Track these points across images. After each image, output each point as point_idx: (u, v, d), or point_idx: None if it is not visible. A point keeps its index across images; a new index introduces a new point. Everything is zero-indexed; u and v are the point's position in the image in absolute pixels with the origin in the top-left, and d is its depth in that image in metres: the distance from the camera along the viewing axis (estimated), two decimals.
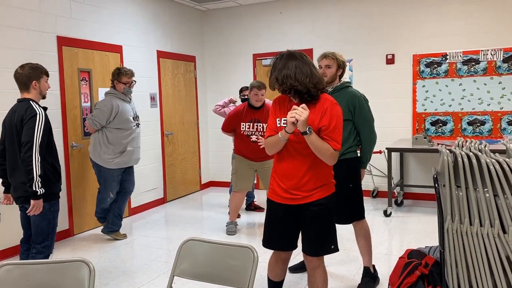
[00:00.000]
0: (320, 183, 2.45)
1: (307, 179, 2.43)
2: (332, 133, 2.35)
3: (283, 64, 2.35)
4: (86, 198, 5.14)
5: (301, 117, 2.21)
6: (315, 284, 2.55)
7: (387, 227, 4.92)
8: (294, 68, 2.32)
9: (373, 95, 6.27)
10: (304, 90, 2.34)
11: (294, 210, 2.50)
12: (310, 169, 2.42)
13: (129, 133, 4.57)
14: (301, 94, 2.36)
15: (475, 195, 2.15)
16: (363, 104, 3.20)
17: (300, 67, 2.33)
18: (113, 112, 4.40)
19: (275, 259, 2.66)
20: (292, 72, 2.32)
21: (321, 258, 2.55)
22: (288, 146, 2.44)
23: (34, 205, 2.92)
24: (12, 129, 3.01)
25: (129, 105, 4.60)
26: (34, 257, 3.04)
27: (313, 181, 2.44)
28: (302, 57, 2.38)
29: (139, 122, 4.78)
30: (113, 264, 4.06)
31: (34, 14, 4.51)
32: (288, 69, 2.32)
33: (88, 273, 1.80)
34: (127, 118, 4.52)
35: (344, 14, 6.38)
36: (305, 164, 2.42)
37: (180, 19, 6.81)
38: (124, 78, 4.48)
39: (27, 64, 3.09)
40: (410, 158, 6.19)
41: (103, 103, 4.44)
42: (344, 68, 3.29)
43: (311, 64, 2.37)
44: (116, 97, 4.50)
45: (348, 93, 3.21)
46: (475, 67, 5.71)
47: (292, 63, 2.34)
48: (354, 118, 3.20)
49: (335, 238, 2.56)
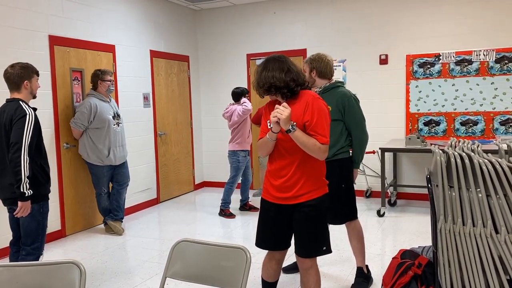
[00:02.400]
0: (311, 183, 2.45)
1: (297, 178, 2.43)
2: (316, 127, 2.36)
3: (262, 67, 2.45)
4: (78, 198, 5.10)
5: (282, 116, 2.26)
6: (307, 285, 2.54)
7: (380, 227, 4.93)
8: (271, 67, 2.41)
9: (366, 95, 6.28)
10: (282, 85, 2.38)
11: (285, 210, 2.50)
12: (299, 168, 2.43)
13: (109, 132, 4.76)
14: (281, 90, 2.40)
15: (468, 195, 2.15)
16: (352, 104, 3.19)
17: (277, 65, 2.41)
18: (92, 112, 4.64)
19: (268, 259, 2.66)
20: (269, 70, 2.40)
21: (313, 259, 2.54)
22: (278, 145, 2.46)
23: (22, 206, 2.88)
24: (1, 129, 2.97)
25: (108, 105, 4.81)
26: (24, 259, 3.01)
27: (303, 181, 2.44)
28: (280, 57, 2.45)
29: (120, 121, 4.95)
30: (106, 265, 4.03)
31: (25, 13, 4.47)
32: (266, 70, 2.42)
33: (79, 275, 1.78)
34: (105, 117, 4.72)
35: (338, 15, 6.38)
36: (294, 162, 2.43)
37: (173, 19, 6.78)
38: (107, 76, 4.75)
39: (18, 64, 3.05)
40: (403, 158, 6.20)
41: (82, 105, 4.70)
42: (318, 69, 3.25)
43: (288, 62, 2.44)
44: (95, 97, 4.75)
45: (338, 93, 3.21)
46: (468, 67, 5.74)
47: (269, 64, 2.43)
48: (345, 118, 3.20)
49: (327, 240, 2.55)
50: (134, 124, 5.93)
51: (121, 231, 4.93)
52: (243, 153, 5.48)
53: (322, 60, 3.26)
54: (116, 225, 4.93)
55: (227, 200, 5.58)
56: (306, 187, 2.44)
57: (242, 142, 5.44)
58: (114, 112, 4.85)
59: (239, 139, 5.42)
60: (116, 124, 4.85)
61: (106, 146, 4.75)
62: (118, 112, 4.94)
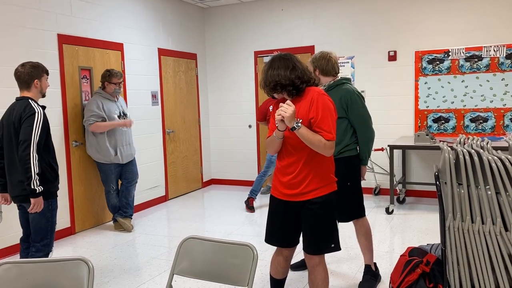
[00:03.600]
0: (318, 180, 2.45)
1: (304, 175, 2.43)
2: (321, 123, 2.35)
3: (268, 66, 2.45)
4: (87, 196, 5.14)
5: (286, 113, 2.25)
6: (315, 282, 2.54)
7: (389, 225, 4.91)
8: (276, 66, 2.41)
9: (375, 92, 6.25)
10: (287, 82, 2.38)
11: (294, 207, 2.50)
12: (306, 165, 2.43)
13: (115, 131, 4.82)
14: (286, 88, 2.40)
15: (477, 193, 2.13)
16: (355, 100, 3.17)
17: (282, 63, 2.41)
18: (100, 108, 4.71)
19: (276, 256, 2.66)
20: (274, 69, 2.41)
21: (321, 256, 2.54)
22: (285, 143, 2.46)
23: (35, 203, 2.92)
24: (10, 127, 3.00)
25: (114, 104, 4.88)
26: (34, 256, 3.04)
27: (310, 178, 2.43)
28: (285, 55, 2.46)
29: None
30: (114, 262, 4.06)
31: (34, 12, 4.50)
32: (271, 69, 2.42)
33: (87, 272, 1.80)
34: (111, 116, 4.79)
35: (346, 11, 6.35)
36: (300, 160, 2.43)
37: (181, 17, 6.79)
38: (114, 79, 4.80)
39: (28, 63, 3.08)
40: (412, 155, 6.16)
41: (89, 104, 4.77)
42: (320, 67, 3.25)
43: (294, 59, 2.44)
44: (101, 96, 4.81)
45: (342, 90, 3.20)
46: (477, 63, 5.68)
47: (275, 63, 2.43)
48: (349, 115, 3.18)
49: (336, 237, 2.54)
50: (142, 122, 5.96)
51: (130, 228, 4.97)
52: None
53: (323, 57, 3.26)
54: (126, 222, 4.96)
55: (255, 188, 5.77)
56: (313, 184, 2.44)
57: None
58: (120, 112, 4.90)
59: None
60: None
61: (113, 145, 4.80)
62: (125, 111, 4.98)
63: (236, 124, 7.27)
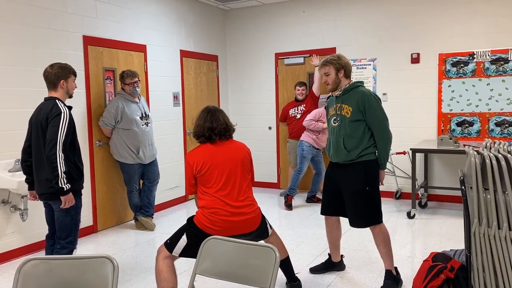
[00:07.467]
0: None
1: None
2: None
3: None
4: (110, 195, 5.22)
5: None
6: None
7: (410, 229, 4.84)
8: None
9: (397, 94, 6.18)
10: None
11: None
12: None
13: (137, 132, 4.86)
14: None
15: (504, 198, 2.09)
16: (372, 102, 3.15)
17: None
18: (118, 112, 4.77)
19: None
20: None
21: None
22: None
23: (65, 200, 3.01)
24: (38, 126, 3.07)
25: (136, 105, 4.92)
26: (59, 252, 3.11)
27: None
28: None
29: (149, 121, 5.06)
30: (136, 261, 4.11)
31: (60, 15, 4.60)
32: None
33: (112, 269, 1.83)
34: (132, 118, 4.83)
35: (368, 12, 6.30)
36: None
37: (203, 19, 6.85)
38: (127, 80, 4.85)
39: (56, 64, 3.15)
40: (435, 159, 6.07)
41: (110, 105, 4.84)
42: (346, 67, 3.26)
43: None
44: (123, 97, 4.87)
45: (358, 93, 3.19)
46: (504, 66, 5.56)
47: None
48: (366, 117, 3.16)
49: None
50: (164, 123, 6.02)
51: (152, 227, 5.02)
52: (307, 143, 5.82)
53: (344, 58, 3.29)
54: (148, 221, 5.02)
55: (292, 186, 5.88)
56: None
57: (315, 139, 5.84)
58: (142, 113, 4.95)
59: (313, 135, 5.84)
60: (145, 124, 4.94)
61: (135, 145, 4.85)
62: (147, 112, 5.04)
63: (257, 125, 7.29)
